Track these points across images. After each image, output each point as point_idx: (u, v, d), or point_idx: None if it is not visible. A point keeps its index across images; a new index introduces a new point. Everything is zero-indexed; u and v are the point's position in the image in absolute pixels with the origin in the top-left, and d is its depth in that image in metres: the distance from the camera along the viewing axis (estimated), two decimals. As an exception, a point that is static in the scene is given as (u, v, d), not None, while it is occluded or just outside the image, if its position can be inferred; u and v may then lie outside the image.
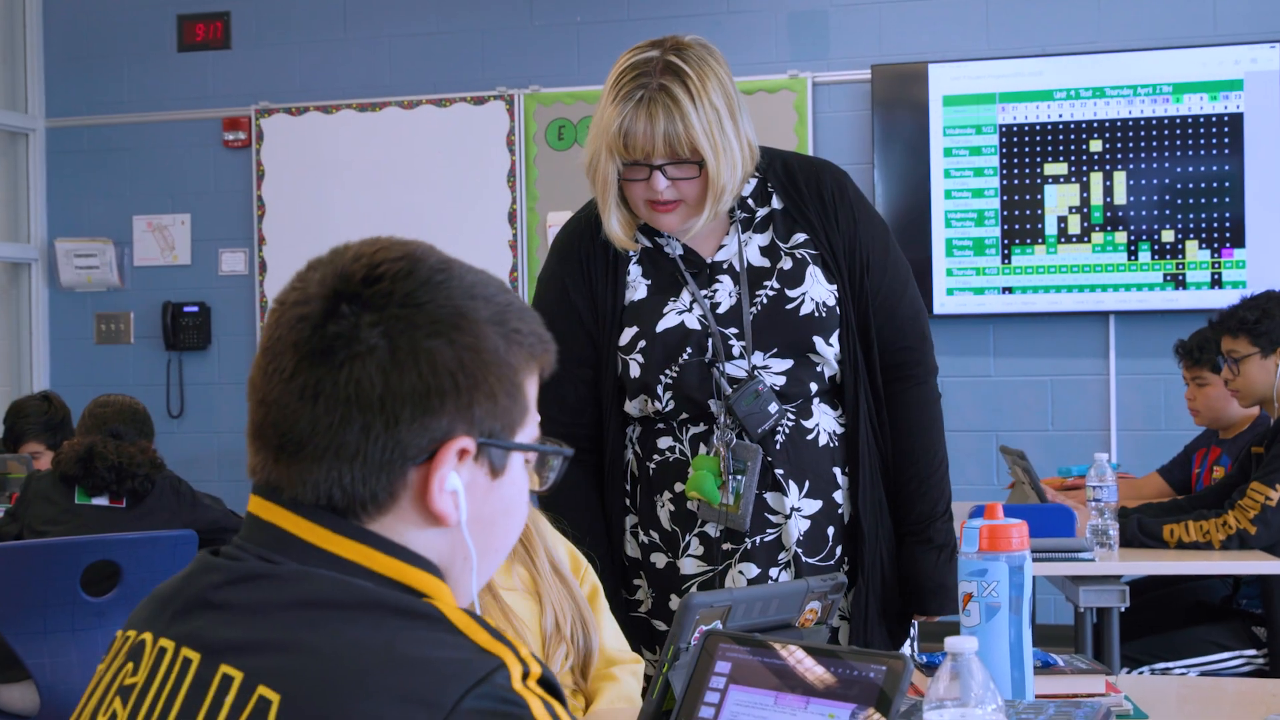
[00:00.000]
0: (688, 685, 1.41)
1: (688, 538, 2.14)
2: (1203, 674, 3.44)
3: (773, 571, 2.11)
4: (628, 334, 2.12)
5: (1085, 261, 5.37)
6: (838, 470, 2.14)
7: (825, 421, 2.14)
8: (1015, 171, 5.41)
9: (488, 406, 1.01)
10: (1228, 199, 5.26)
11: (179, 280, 6.26)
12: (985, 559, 1.60)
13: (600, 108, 2.07)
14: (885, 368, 2.15)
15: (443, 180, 5.97)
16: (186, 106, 6.25)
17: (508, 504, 1.06)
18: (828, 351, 2.11)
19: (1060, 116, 5.39)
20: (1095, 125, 5.36)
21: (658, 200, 2.05)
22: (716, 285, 2.12)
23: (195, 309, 6.20)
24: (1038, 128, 5.40)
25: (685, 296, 2.12)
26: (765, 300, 2.10)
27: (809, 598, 1.66)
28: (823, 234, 2.12)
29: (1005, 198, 5.41)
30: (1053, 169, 5.40)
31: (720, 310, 2.10)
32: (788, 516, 2.10)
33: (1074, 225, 5.39)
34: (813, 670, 1.33)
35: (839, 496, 2.15)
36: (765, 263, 2.12)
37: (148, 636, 1.01)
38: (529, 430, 1.07)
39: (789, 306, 2.10)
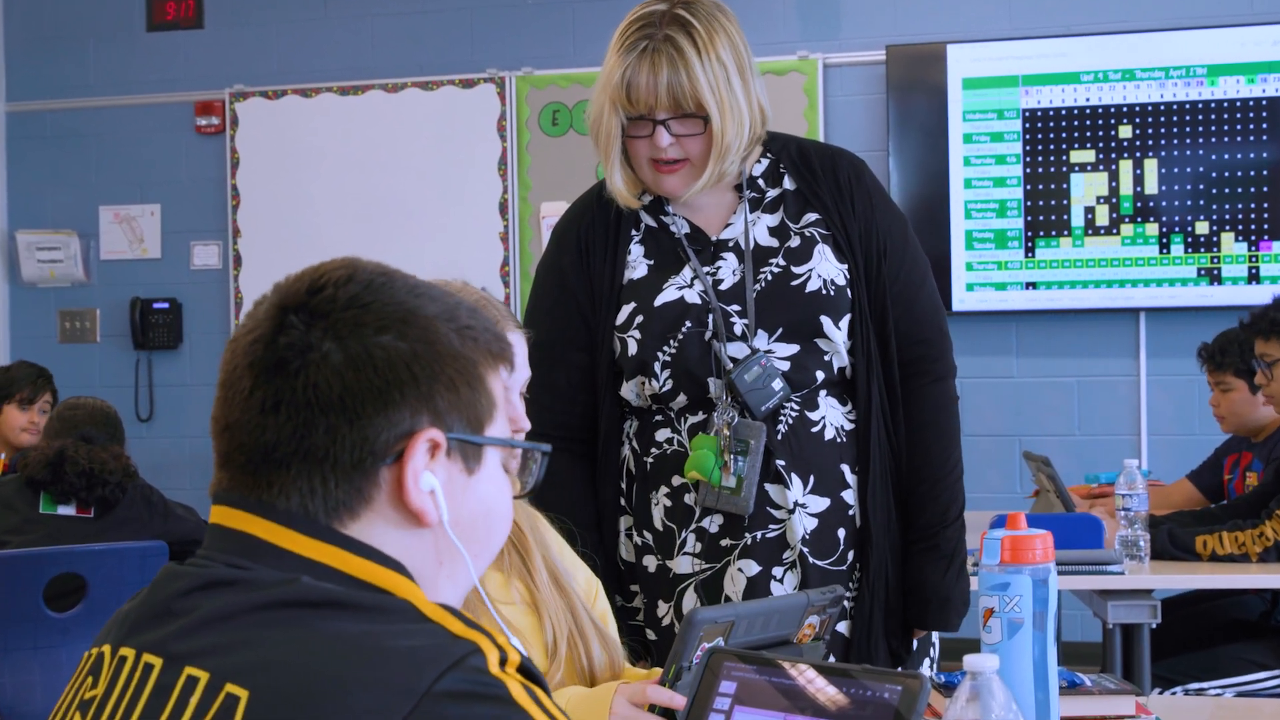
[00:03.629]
0: (691, 706, 1.41)
1: (684, 534, 2.14)
2: (1239, 694, 3.44)
3: (776, 571, 2.11)
4: (625, 311, 2.15)
5: (1114, 255, 5.37)
6: (846, 468, 2.15)
7: (832, 415, 2.15)
8: (1039, 159, 5.41)
9: (450, 398, 1.07)
10: (1266, 188, 5.26)
11: (148, 275, 6.26)
12: (1007, 572, 1.60)
13: (605, 61, 2.12)
14: (901, 363, 2.16)
15: (429, 168, 5.97)
16: (156, 90, 6.25)
17: (488, 504, 1.11)
18: (837, 336, 2.11)
19: (1087, 100, 5.39)
20: (1125, 109, 5.36)
21: (661, 159, 2.09)
22: (720, 262, 2.14)
23: (165, 305, 6.20)
24: (1063, 112, 5.40)
25: (686, 273, 2.14)
26: (770, 277, 2.12)
27: (808, 612, 1.66)
28: (836, 216, 2.14)
29: (1029, 187, 5.42)
30: (1079, 156, 5.40)
31: (723, 287, 2.12)
32: (791, 511, 2.11)
33: (1102, 216, 5.39)
34: (824, 690, 1.33)
35: (849, 497, 2.15)
36: (773, 242, 2.14)
37: (106, 649, 1.04)
38: (500, 428, 1.12)
39: (794, 283, 2.11)
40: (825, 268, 2.12)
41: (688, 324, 2.11)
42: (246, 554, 1.03)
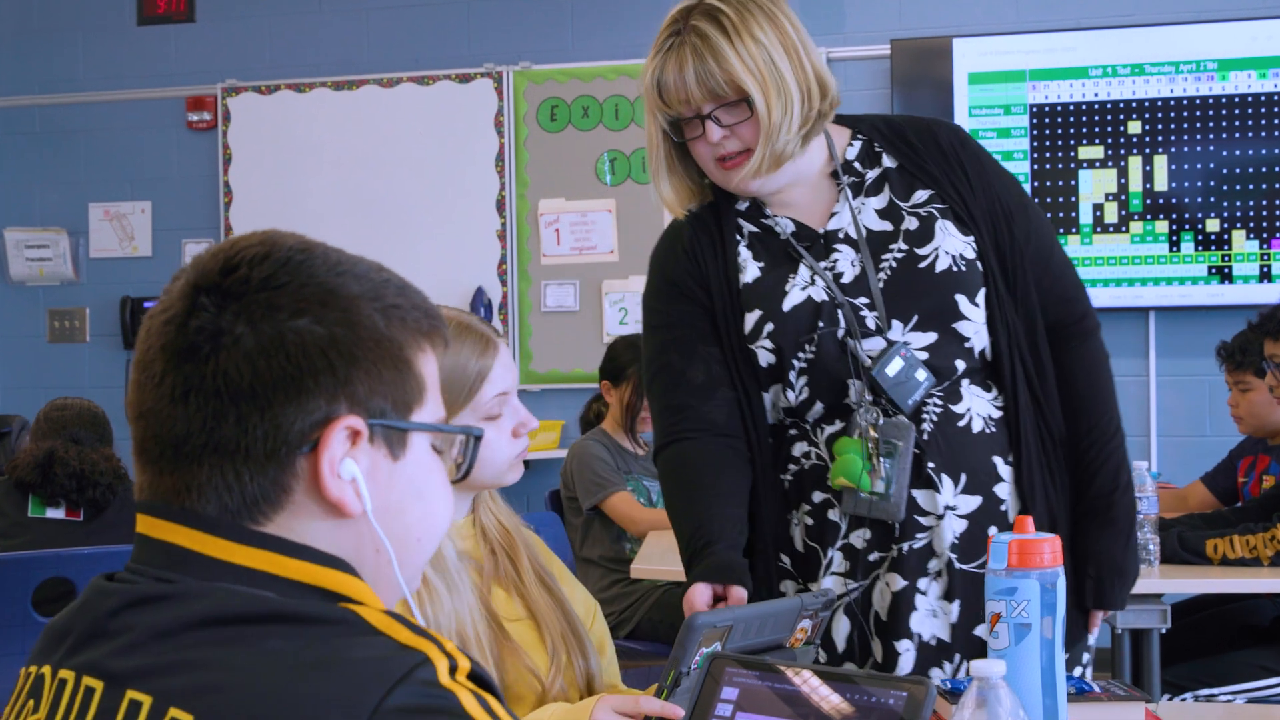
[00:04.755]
0: (692, 713, 1.41)
1: (829, 553, 2.05)
2: (1250, 701, 3.44)
3: (921, 583, 2.01)
4: (750, 320, 2.06)
5: (1123, 253, 5.37)
6: (999, 460, 2.05)
7: (978, 405, 2.05)
8: (1047, 155, 5.41)
9: (370, 384, 1.03)
10: (1278, 185, 5.27)
11: (139, 273, 6.26)
12: (1015, 576, 1.60)
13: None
14: (1048, 326, 2.07)
15: (425, 165, 5.97)
16: (147, 85, 6.25)
17: (418, 487, 1.08)
18: (975, 314, 2.02)
19: (1096, 95, 5.39)
20: (1134, 105, 5.36)
21: (721, 154, 2.03)
22: (835, 255, 2.06)
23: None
24: (1071, 108, 5.40)
25: (804, 271, 2.06)
26: (894, 264, 2.03)
27: (801, 616, 1.67)
28: (949, 188, 2.07)
29: (1036, 184, 5.42)
30: (1088, 152, 5.40)
31: (844, 280, 2.04)
32: (940, 517, 2.01)
33: (1111, 214, 5.39)
34: (827, 697, 1.33)
35: (1002, 490, 2.04)
36: (887, 226, 2.06)
37: (47, 670, 1.02)
38: (429, 411, 1.08)
39: (922, 266, 2.02)
40: (951, 243, 2.03)
41: (821, 324, 2.02)
42: (174, 565, 1.01)
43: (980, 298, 2.03)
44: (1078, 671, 2.15)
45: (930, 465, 2.01)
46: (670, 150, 2.08)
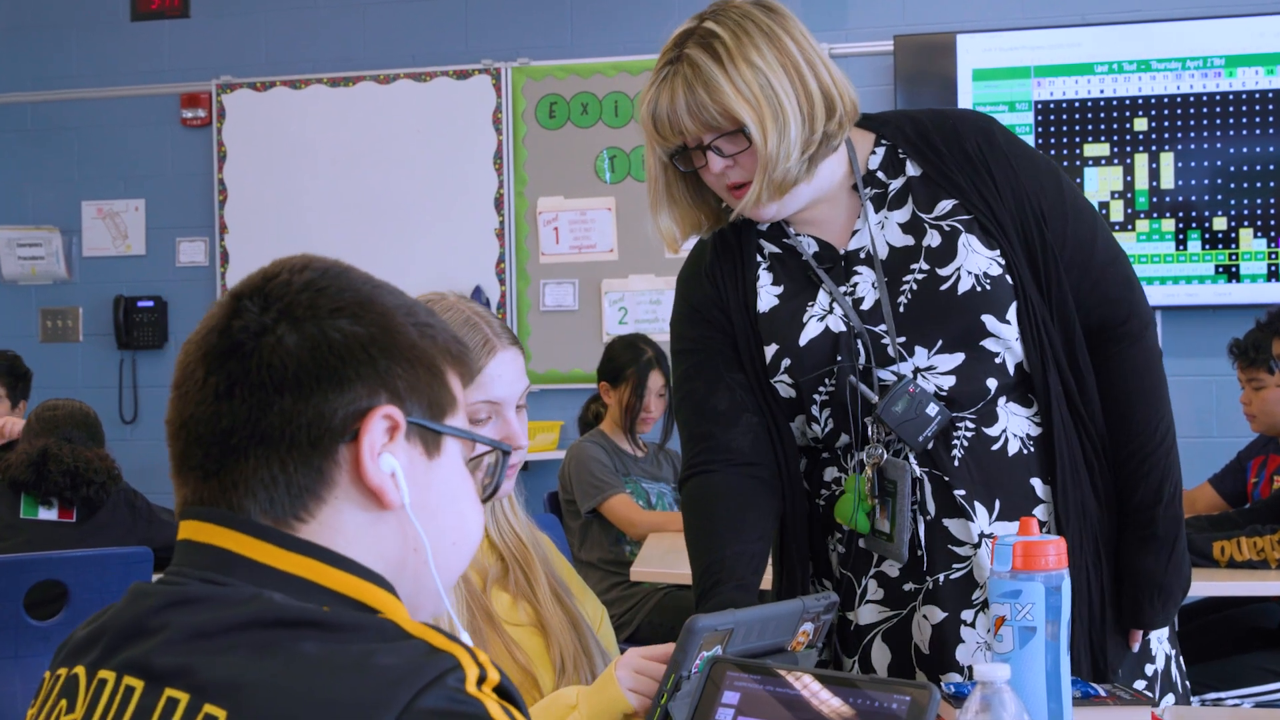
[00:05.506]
0: (692, 718, 1.41)
1: (864, 581, 2.00)
2: (1257, 705, 3.44)
3: (965, 614, 1.94)
4: (769, 353, 2.01)
5: (1129, 252, 5.33)
6: (1037, 482, 1.97)
7: (1016, 425, 1.97)
8: (1052, 152, 5.41)
9: (409, 380, 1.08)
10: (1286, 183, 5.27)
11: (132, 272, 6.26)
12: (1019, 579, 1.60)
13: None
14: (1090, 331, 1.98)
15: (422, 163, 5.97)
16: (140, 81, 6.25)
17: (454, 490, 1.12)
18: (1006, 331, 1.94)
19: (1102, 92, 5.39)
20: (1140, 102, 5.36)
21: (728, 184, 1.97)
22: (856, 278, 1.99)
23: (150, 304, 6.20)
24: (1077, 104, 5.40)
25: (823, 298, 1.99)
26: (915, 286, 1.95)
27: (803, 619, 1.66)
28: (975, 196, 1.97)
29: (1041, 181, 5.41)
30: (1093, 150, 5.40)
31: (864, 306, 1.97)
32: (976, 546, 1.94)
33: (1117, 212, 5.39)
34: (828, 701, 1.33)
35: (1041, 512, 1.96)
36: (909, 241, 1.98)
37: (81, 670, 1.04)
38: (460, 424, 1.13)
39: (944, 288, 1.94)
40: (974, 261, 1.94)
41: (840, 358, 1.96)
42: (219, 568, 1.04)
43: (1011, 313, 1.94)
44: (1140, 684, 2.06)
45: (960, 493, 1.94)
46: (671, 180, 2.02)
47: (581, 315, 5.89)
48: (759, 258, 2.05)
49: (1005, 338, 1.94)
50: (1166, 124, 5.35)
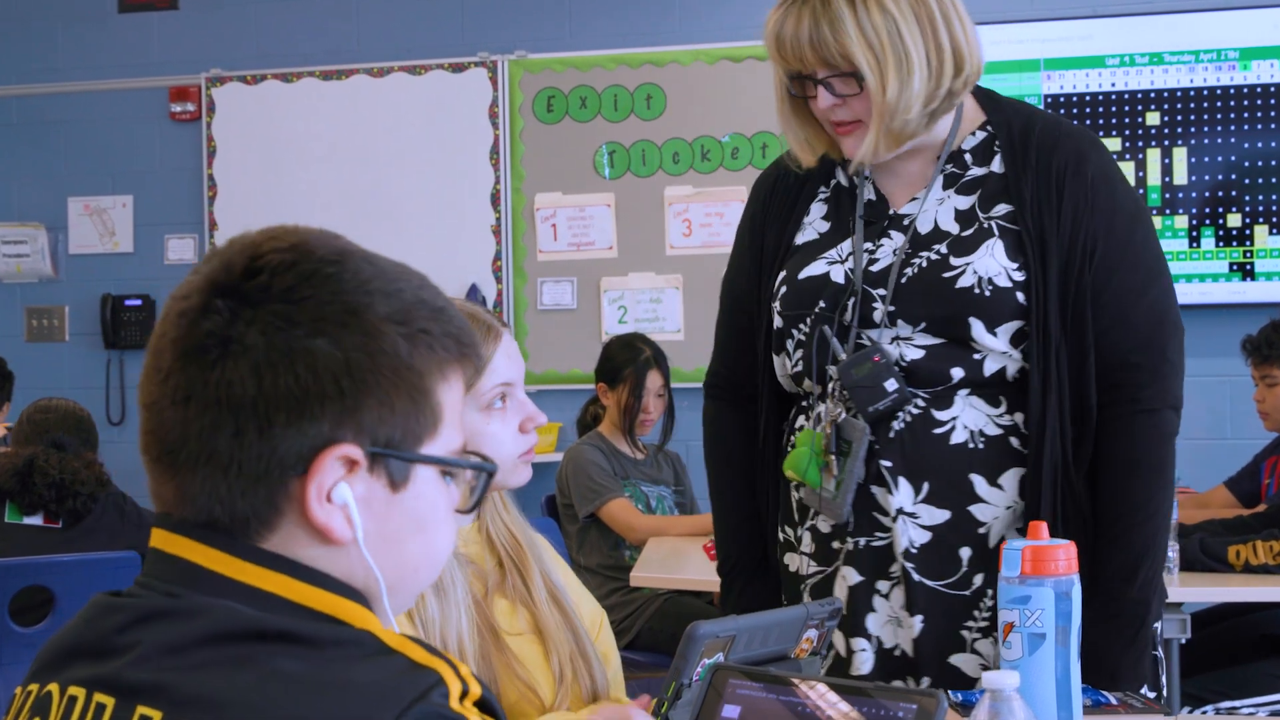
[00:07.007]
0: (693, 726, 1.41)
1: (800, 531, 2.08)
2: (1273, 714, 3.44)
3: (880, 585, 1.99)
4: (779, 279, 2.09)
5: (1141, 249, 5.36)
6: (979, 480, 1.97)
7: (971, 417, 1.97)
8: (1062, 147, 5.41)
9: (380, 413, 1.03)
10: (1301, 178, 5.27)
11: (120, 270, 6.26)
12: (1029, 584, 1.60)
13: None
14: (1104, 386, 1.95)
15: (417, 157, 5.97)
16: (128, 74, 6.25)
17: (419, 518, 1.07)
18: (990, 343, 1.95)
19: (1113, 85, 5.39)
20: (1152, 95, 5.36)
21: (832, 120, 2.00)
22: (886, 240, 2.03)
23: (138, 302, 6.20)
24: (1087, 98, 5.40)
25: (845, 246, 2.05)
26: (924, 264, 1.98)
27: (807, 626, 1.66)
28: (1033, 210, 1.96)
29: (1051, 177, 5.41)
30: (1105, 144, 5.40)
31: (876, 267, 2.01)
32: (894, 519, 1.98)
33: (1128, 208, 5.39)
34: (836, 708, 1.33)
35: (981, 512, 1.97)
36: (954, 228, 2.00)
37: (53, 688, 1.03)
38: (443, 441, 1.08)
39: (946, 274, 1.96)
40: (987, 264, 1.95)
41: (821, 303, 2.02)
42: (183, 580, 1.02)
43: (1005, 330, 1.95)
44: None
45: (886, 464, 1.97)
46: (786, 99, 2.05)
47: (580, 314, 5.89)
48: (822, 188, 2.12)
49: (990, 348, 1.95)
50: (1180, 118, 5.34)
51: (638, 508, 4.46)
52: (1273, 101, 5.28)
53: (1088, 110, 5.40)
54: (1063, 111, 5.40)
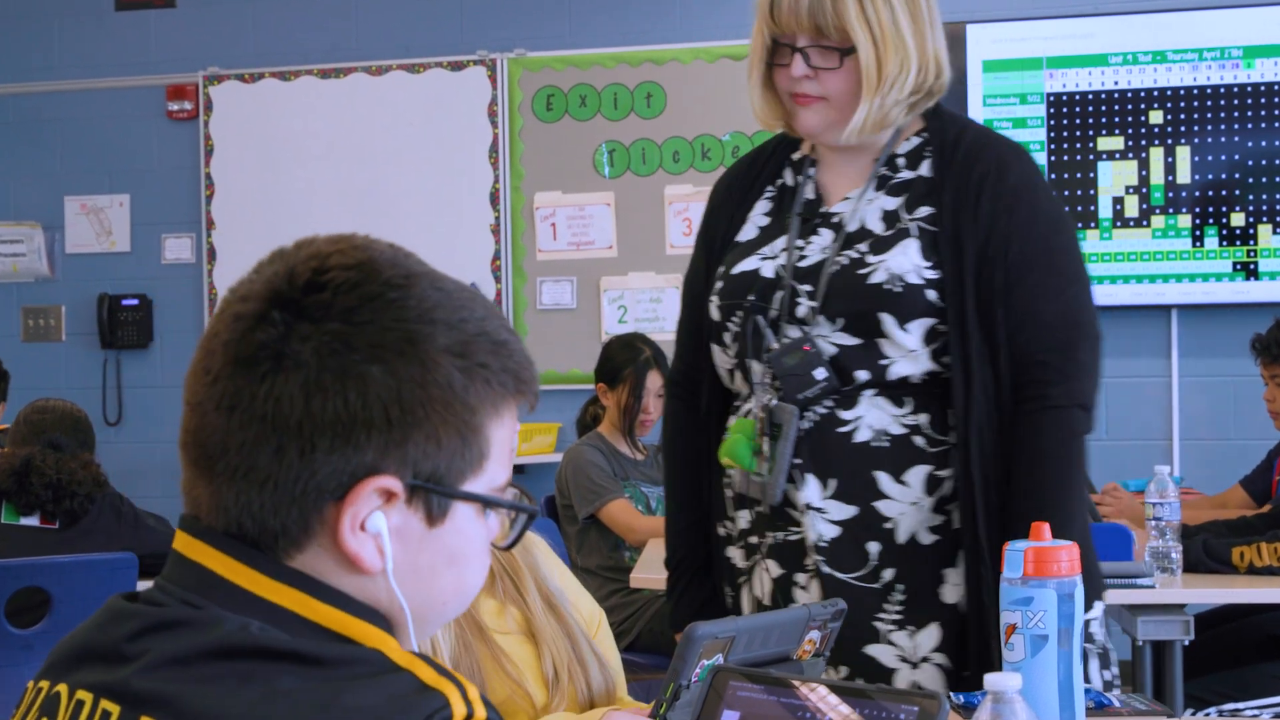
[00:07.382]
0: (693, 728, 1.41)
1: (729, 525, 2.18)
2: (1276, 716, 3.44)
3: (799, 577, 2.09)
4: (719, 273, 2.17)
5: (1144, 248, 5.36)
6: (885, 477, 2.05)
7: (874, 417, 2.05)
8: (1065, 146, 5.41)
9: (426, 447, 1.01)
10: (1306, 177, 5.27)
11: (117, 269, 6.26)
12: (1030, 585, 1.59)
13: None
14: (1015, 384, 2.02)
15: (416, 156, 5.97)
16: (125, 72, 6.25)
17: (453, 553, 1.06)
18: (902, 338, 2.02)
19: (1116, 84, 5.39)
20: (1155, 94, 5.36)
21: (797, 91, 2.07)
22: (815, 238, 2.12)
23: (135, 302, 6.20)
24: (1090, 97, 5.40)
25: (780, 243, 2.13)
26: (845, 263, 2.07)
27: (809, 627, 1.66)
28: (950, 213, 2.04)
29: (1054, 176, 5.41)
30: (1107, 143, 5.40)
31: (804, 264, 2.09)
32: (802, 514, 2.07)
33: (1131, 207, 5.39)
34: (837, 711, 1.33)
35: (886, 508, 2.05)
36: (879, 228, 2.08)
37: (63, 689, 1.03)
38: (487, 477, 1.06)
39: (860, 271, 2.05)
40: (899, 262, 2.03)
41: (750, 298, 2.10)
42: (202, 590, 1.02)
43: (915, 326, 2.01)
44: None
45: (796, 461, 2.05)
46: (761, 68, 2.11)
47: (580, 314, 5.89)
48: (769, 187, 2.20)
49: (901, 343, 2.02)
50: (1183, 116, 5.34)
51: (638, 509, 4.46)
52: (1277, 100, 5.28)
53: (1090, 109, 5.39)
54: (1065, 110, 5.41)
